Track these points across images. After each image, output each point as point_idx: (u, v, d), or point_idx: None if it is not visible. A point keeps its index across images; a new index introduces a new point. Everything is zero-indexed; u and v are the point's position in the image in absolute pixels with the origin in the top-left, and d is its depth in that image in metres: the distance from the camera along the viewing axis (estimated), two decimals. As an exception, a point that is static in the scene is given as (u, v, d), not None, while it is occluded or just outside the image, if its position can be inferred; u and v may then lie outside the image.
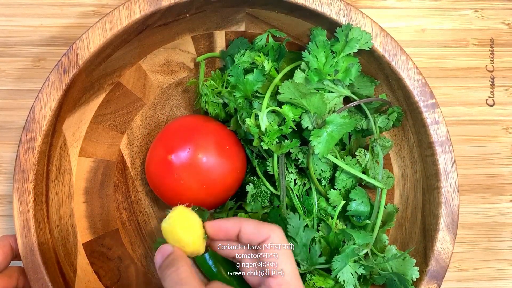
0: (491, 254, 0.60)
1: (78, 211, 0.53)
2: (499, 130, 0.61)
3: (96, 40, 0.47)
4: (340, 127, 0.46)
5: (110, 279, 0.53)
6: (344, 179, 0.51)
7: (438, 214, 0.49)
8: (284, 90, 0.46)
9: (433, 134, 0.49)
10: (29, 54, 0.57)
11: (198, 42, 0.55)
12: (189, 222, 0.42)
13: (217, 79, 0.53)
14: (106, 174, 0.55)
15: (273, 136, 0.47)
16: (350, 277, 0.48)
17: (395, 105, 0.52)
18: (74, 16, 0.58)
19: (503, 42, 0.61)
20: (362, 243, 0.48)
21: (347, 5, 0.49)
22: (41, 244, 0.47)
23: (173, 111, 0.56)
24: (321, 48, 0.49)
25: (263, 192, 0.52)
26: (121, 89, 0.54)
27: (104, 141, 0.54)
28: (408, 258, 0.48)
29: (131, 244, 0.55)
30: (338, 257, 0.47)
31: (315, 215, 0.51)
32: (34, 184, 0.47)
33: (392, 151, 0.55)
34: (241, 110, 0.50)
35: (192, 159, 0.49)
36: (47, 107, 0.47)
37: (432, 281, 0.48)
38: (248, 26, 0.54)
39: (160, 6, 0.47)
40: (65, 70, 0.47)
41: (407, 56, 0.49)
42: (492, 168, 0.60)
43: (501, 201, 0.60)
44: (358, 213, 0.50)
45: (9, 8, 0.57)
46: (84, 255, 0.52)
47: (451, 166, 0.49)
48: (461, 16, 0.61)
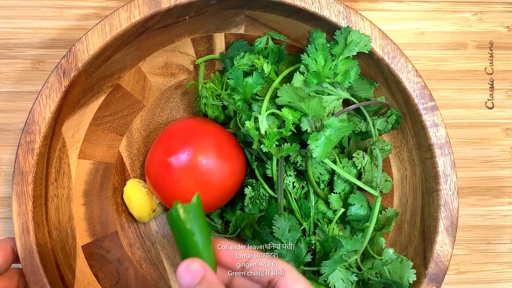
0: (490, 257, 0.60)
1: (77, 213, 0.53)
2: (498, 133, 0.61)
3: (95, 43, 0.47)
4: (338, 130, 0.46)
5: (109, 282, 0.53)
6: (341, 183, 0.51)
7: (438, 216, 0.49)
8: (283, 93, 0.46)
9: (432, 136, 0.49)
10: (28, 56, 0.57)
11: (198, 45, 0.55)
12: (138, 195, 0.53)
13: (217, 81, 0.53)
14: (105, 177, 0.55)
15: (272, 139, 0.47)
16: (341, 283, 0.48)
17: (394, 108, 0.52)
18: (73, 18, 0.58)
19: (502, 45, 0.61)
20: (351, 250, 0.48)
21: (347, 8, 0.49)
22: (40, 247, 0.46)
23: (172, 113, 0.56)
24: (320, 51, 0.49)
25: (261, 194, 0.52)
26: (120, 91, 0.54)
27: (104, 143, 0.54)
28: (405, 261, 0.48)
29: (130, 247, 0.55)
30: (327, 262, 0.47)
31: (312, 219, 0.51)
32: (33, 186, 0.47)
33: (392, 153, 0.55)
34: (241, 113, 0.50)
35: (191, 162, 0.49)
36: (47, 109, 0.47)
37: (432, 283, 0.48)
38: (248, 29, 0.54)
39: (159, 8, 0.47)
40: (65, 72, 0.47)
41: (407, 59, 0.49)
42: (491, 171, 0.60)
43: (500, 203, 0.60)
44: (358, 217, 0.50)
45: (9, 10, 0.57)
46: (83, 257, 0.52)
47: (450, 169, 0.49)
48: (460, 19, 0.61)
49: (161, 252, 0.55)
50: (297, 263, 0.48)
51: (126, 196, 0.54)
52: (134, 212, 0.54)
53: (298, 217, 0.51)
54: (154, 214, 0.54)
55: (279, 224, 0.48)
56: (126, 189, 0.54)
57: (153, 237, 0.55)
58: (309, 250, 0.50)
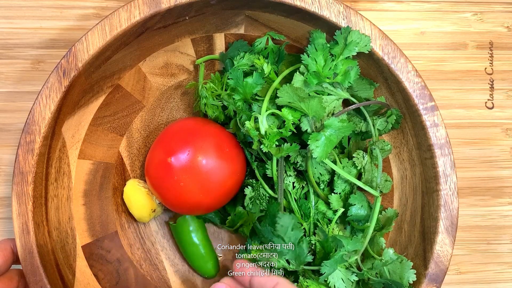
0: (490, 257, 0.60)
1: (77, 214, 0.53)
2: (498, 133, 0.61)
3: (95, 43, 0.47)
4: (338, 130, 0.46)
5: (109, 282, 0.53)
6: (341, 183, 0.51)
7: (438, 217, 0.49)
8: (283, 94, 0.46)
9: (432, 136, 0.49)
10: (28, 57, 0.57)
11: (198, 45, 0.55)
12: (138, 195, 0.53)
13: (217, 81, 0.53)
14: (105, 177, 0.55)
15: (272, 139, 0.47)
16: (341, 283, 0.48)
17: (394, 108, 0.52)
18: (73, 18, 0.58)
19: (502, 45, 0.61)
20: (351, 250, 0.48)
21: (347, 8, 0.49)
22: (40, 247, 0.46)
23: (172, 113, 0.56)
24: (320, 51, 0.49)
25: (261, 195, 0.52)
26: (120, 92, 0.54)
27: (104, 143, 0.54)
28: (405, 261, 0.48)
29: (130, 247, 0.55)
30: (327, 262, 0.47)
31: (312, 219, 0.51)
32: (33, 186, 0.47)
33: (392, 153, 0.55)
34: (241, 113, 0.50)
35: (191, 162, 0.49)
36: (47, 109, 0.47)
37: (432, 284, 0.48)
38: (248, 29, 0.54)
39: (159, 8, 0.47)
40: (65, 73, 0.47)
41: (406, 59, 0.49)
42: (491, 171, 0.60)
43: (500, 204, 0.60)
44: (358, 218, 0.50)
45: (9, 10, 0.57)
46: (83, 257, 0.52)
47: (450, 169, 0.49)
48: (460, 19, 0.61)
49: (161, 252, 0.55)
50: (298, 262, 0.48)
51: (126, 196, 0.54)
52: (134, 212, 0.54)
53: (298, 217, 0.51)
54: (154, 214, 0.54)
55: (283, 221, 0.47)
56: (126, 189, 0.54)
57: (153, 237, 0.55)
58: (309, 250, 0.50)
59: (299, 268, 0.48)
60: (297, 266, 0.48)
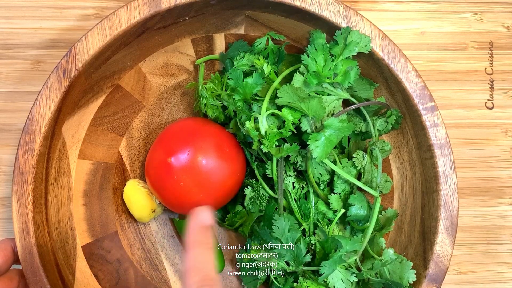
0: (490, 257, 0.60)
1: (77, 214, 0.53)
2: (498, 133, 0.61)
3: (95, 43, 0.47)
4: (338, 131, 0.46)
5: (109, 282, 0.53)
6: (341, 183, 0.51)
7: (438, 217, 0.49)
8: (283, 94, 0.46)
9: (432, 137, 0.49)
10: (28, 57, 0.57)
11: (198, 45, 0.55)
12: (138, 195, 0.53)
13: (217, 81, 0.53)
14: (105, 177, 0.55)
15: (272, 139, 0.47)
16: (341, 284, 0.48)
17: (394, 108, 0.52)
18: (73, 18, 0.58)
19: (502, 45, 0.61)
20: (350, 250, 0.48)
21: (347, 8, 0.49)
22: (40, 247, 0.46)
23: (172, 113, 0.56)
24: (320, 51, 0.49)
25: (261, 195, 0.52)
26: (120, 92, 0.54)
27: (103, 143, 0.54)
28: (405, 261, 0.48)
29: (130, 247, 0.55)
30: (326, 262, 0.47)
31: (312, 219, 0.51)
32: (33, 186, 0.47)
33: (391, 154, 0.55)
34: (241, 113, 0.50)
35: (191, 162, 0.49)
36: (47, 109, 0.47)
37: (432, 284, 0.48)
38: (248, 29, 0.54)
39: (159, 8, 0.47)
40: (65, 73, 0.47)
41: (406, 59, 0.49)
42: (491, 171, 0.60)
43: (500, 204, 0.60)
44: (358, 218, 0.50)
45: (9, 10, 0.57)
46: (83, 257, 0.52)
47: (450, 169, 0.49)
48: (460, 19, 0.61)
49: (161, 252, 0.55)
50: (297, 263, 0.48)
51: (126, 196, 0.54)
52: (134, 212, 0.54)
53: (298, 217, 0.51)
54: (154, 215, 0.54)
55: (279, 224, 0.48)
56: (126, 189, 0.54)
57: (153, 238, 0.55)
58: (309, 251, 0.50)
59: (298, 269, 0.48)
60: (296, 266, 0.48)
